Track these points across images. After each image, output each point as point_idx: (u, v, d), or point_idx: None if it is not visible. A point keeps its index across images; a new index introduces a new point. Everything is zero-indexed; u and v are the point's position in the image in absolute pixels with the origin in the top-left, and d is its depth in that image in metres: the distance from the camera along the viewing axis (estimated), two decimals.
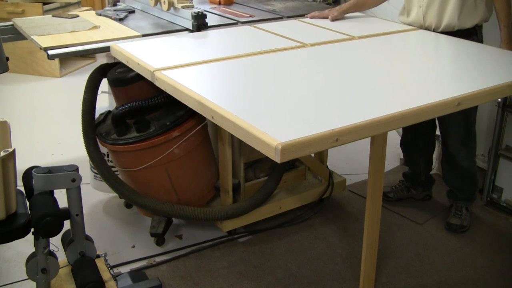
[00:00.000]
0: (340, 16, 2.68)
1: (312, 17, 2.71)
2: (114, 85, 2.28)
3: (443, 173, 2.73)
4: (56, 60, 4.86)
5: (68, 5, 4.98)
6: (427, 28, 2.41)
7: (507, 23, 2.28)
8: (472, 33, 2.35)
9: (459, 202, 2.65)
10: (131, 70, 2.13)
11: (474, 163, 2.60)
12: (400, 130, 3.63)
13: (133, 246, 2.47)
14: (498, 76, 1.78)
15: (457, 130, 2.48)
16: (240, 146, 2.40)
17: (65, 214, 1.78)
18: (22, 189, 1.84)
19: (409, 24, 2.49)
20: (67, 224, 1.76)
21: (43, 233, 1.67)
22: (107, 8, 2.92)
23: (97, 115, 2.44)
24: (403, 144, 2.82)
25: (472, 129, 2.51)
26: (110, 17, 2.72)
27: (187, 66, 1.94)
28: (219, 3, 3.08)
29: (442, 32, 2.36)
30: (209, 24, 2.50)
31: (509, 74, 1.82)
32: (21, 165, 1.90)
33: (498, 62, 1.99)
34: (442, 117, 2.42)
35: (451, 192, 2.69)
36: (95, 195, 2.82)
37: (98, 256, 1.96)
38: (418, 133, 2.69)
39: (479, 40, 2.37)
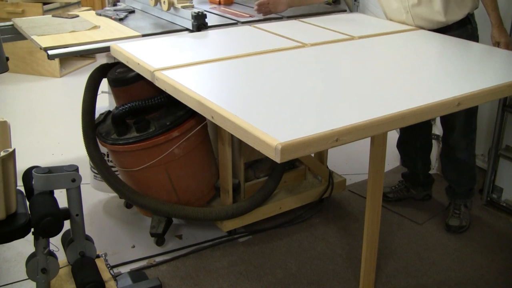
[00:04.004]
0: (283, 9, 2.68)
1: (259, 12, 2.66)
2: (114, 85, 2.28)
3: (442, 168, 2.73)
4: (56, 60, 4.86)
5: (68, 5, 4.98)
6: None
7: (495, 7, 2.27)
8: (466, 22, 2.34)
9: (457, 199, 2.63)
10: (131, 70, 2.13)
11: (473, 156, 2.58)
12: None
13: (133, 246, 2.47)
14: (498, 76, 1.78)
15: (458, 120, 2.46)
16: (240, 146, 2.40)
17: (65, 214, 1.78)
18: (22, 189, 1.84)
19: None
20: (67, 224, 1.76)
21: (43, 233, 1.67)
22: (107, 8, 2.92)
23: (97, 115, 2.44)
24: (400, 144, 2.82)
25: (472, 121, 2.48)
26: (110, 17, 2.72)
27: (187, 66, 1.94)
28: (219, 3, 3.08)
29: (437, 29, 2.36)
30: (209, 24, 2.50)
31: (509, 74, 1.82)
32: (21, 165, 1.90)
33: (498, 62, 1.99)
34: None
35: (449, 188, 2.68)
36: (95, 195, 2.82)
37: (98, 256, 1.96)
38: (415, 133, 2.68)
39: (474, 27, 2.37)
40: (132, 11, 2.88)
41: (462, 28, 2.32)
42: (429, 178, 2.83)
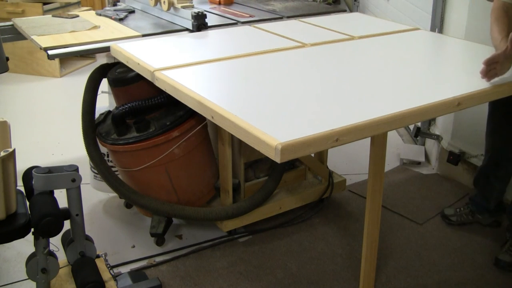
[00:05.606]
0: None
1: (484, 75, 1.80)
2: (114, 85, 2.28)
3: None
4: (56, 60, 4.87)
5: (68, 5, 4.98)
6: None
7: None
8: None
9: None
10: (131, 70, 2.13)
11: None
12: (400, 130, 3.62)
13: (133, 246, 2.47)
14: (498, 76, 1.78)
15: None
16: (240, 146, 2.40)
17: (65, 214, 1.78)
18: (22, 189, 1.84)
19: None
20: (67, 224, 1.76)
21: (43, 233, 1.67)
22: (107, 8, 2.92)
23: (97, 115, 2.44)
24: (484, 173, 2.48)
25: None
26: (110, 17, 2.72)
27: (187, 66, 1.94)
28: (219, 3, 3.09)
29: None
30: (209, 24, 2.50)
31: (509, 74, 1.81)
32: (21, 165, 1.90)
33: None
34: None
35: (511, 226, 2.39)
36: (95, 195, 2.82)
37: (98, 256, 1.96)
38: (505, 159, 2.39)
39: None
40: (132, 11, 2.88)
41: None
42: (500, 205, 2.55)
